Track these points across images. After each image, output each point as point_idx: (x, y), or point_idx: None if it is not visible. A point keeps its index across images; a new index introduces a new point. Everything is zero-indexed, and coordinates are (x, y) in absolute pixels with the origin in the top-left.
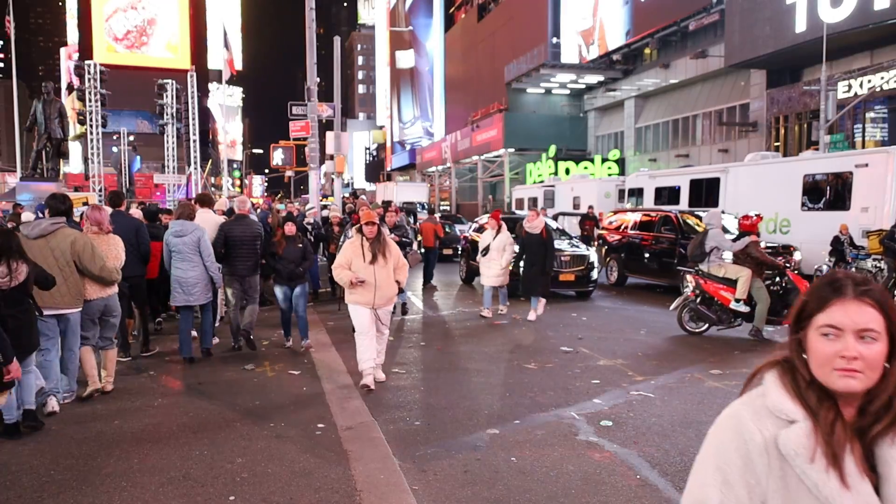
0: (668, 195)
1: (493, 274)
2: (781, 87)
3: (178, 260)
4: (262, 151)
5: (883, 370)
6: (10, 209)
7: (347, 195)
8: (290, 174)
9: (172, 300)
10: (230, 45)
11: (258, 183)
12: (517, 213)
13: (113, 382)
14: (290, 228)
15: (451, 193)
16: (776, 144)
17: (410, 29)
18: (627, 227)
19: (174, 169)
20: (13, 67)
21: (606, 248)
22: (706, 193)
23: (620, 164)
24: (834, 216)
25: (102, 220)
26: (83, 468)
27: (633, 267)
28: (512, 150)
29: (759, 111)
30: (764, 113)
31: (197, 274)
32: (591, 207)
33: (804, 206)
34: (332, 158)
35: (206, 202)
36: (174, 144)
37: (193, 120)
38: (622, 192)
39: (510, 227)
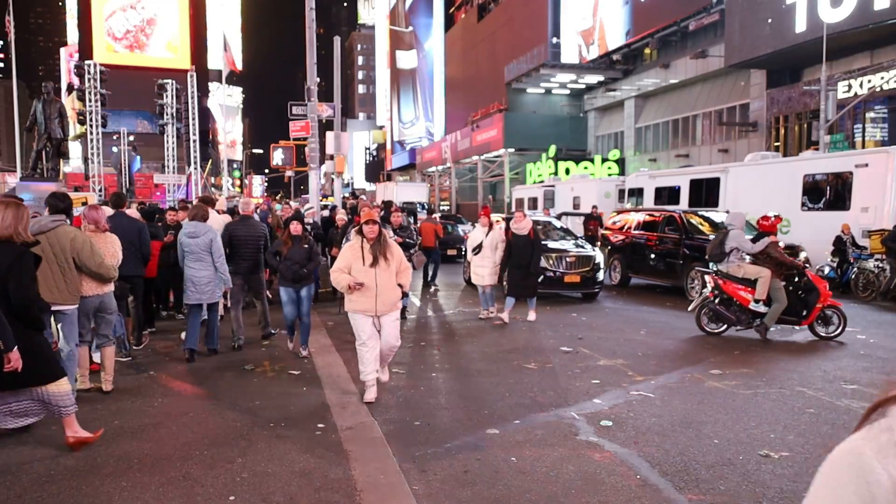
0: (667, 195)
1: (487, 273)
2: (781, 87)
3: (191, 260)
4: (262, 151)
5: None
6: None
7: (347, 195)
8: (290, 174)
9: (186, 298)
10: (229, 45)
11: (258, 183)
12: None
13: (112, 382)
14: (295, 228)
15: (451, 193)
16: (776, 144)
17: (411, 30)
18: (630, 227)
19: (174, 169)
20: (13, 67)
21: (609, 248)
22: (706, 193)
23: (620, 164)
24: (834, 216)
25: (99, 218)
26: (83, 468)
27: (636, 267)
28: (512, 150)
29: (759, 111)
30: (764, 113)
31: (209, 273)
32: (594, 207)
33: (804, 206)
34: (332, 158)
35: (207, 203)
36: (174, 144)
37: (193, 120)
38: (622, 192)
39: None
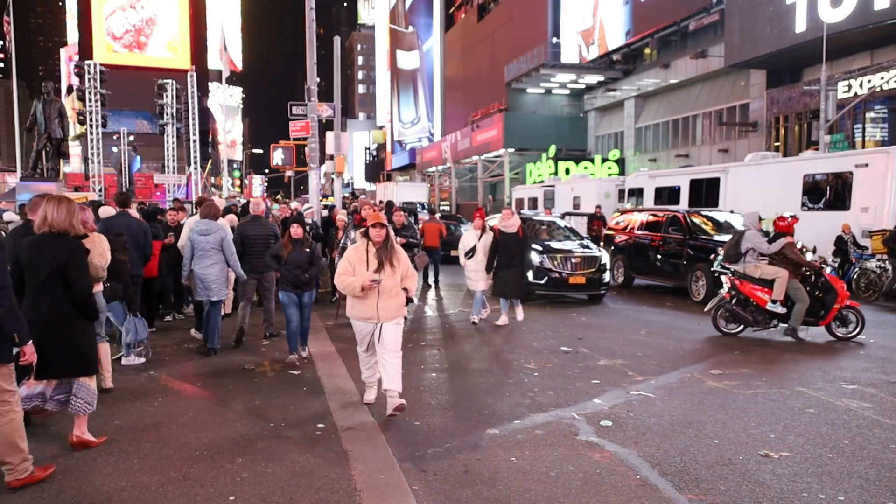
0: (668, 195)
1: (482, 278)
2: (781, 87)
3: (199, 257)
4: (262, 151)
5: None
6: (10, 209)
7: (347, 195)
8: (290, 174)
9: (196, 295)
10: (229, 45)
11: (258, 183)
12: (524, 213)
13: (112, 381)
14: (296, 231)
15: (451, 193)
16: (776, 144)
17: (412, 31)
18: (634, 227)
19: (174, 169)
20: (13, 67)
21: (613, 248)
22: (706, 193)
23: (620, 164)
24: (834, 216)
25: (87, 219)
26: (83, 468)
27: (639, 268)
28: (512, 150)
29: (759, 111)
30: (764, 113)
31: (216, 270)
32: (598, 207)
33: (804, 206)
34: (332, 158)
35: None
36: (174, 144)
37: (193, 120)
38: (622, 192)
39: None
